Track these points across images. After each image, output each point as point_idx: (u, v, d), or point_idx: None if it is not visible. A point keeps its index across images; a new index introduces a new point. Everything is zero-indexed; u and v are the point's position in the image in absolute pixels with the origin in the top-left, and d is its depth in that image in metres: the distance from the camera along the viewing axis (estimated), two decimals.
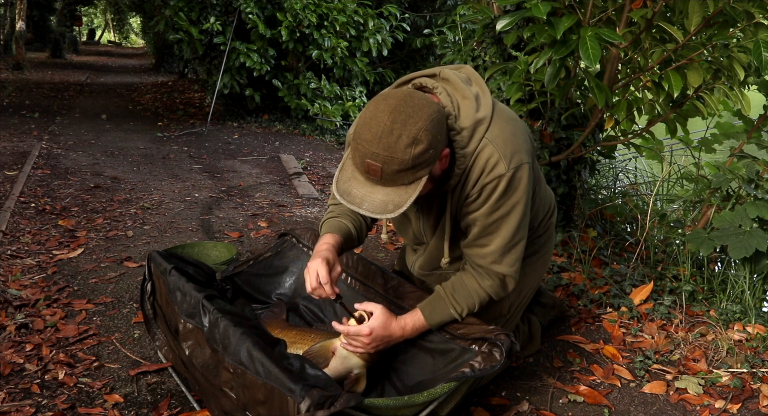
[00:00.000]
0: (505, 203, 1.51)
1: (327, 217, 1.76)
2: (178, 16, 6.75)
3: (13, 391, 1.76)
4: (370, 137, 1.31)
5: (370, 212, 1.35)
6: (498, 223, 1.54)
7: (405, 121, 1.30)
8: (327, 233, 1.68)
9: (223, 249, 2.66)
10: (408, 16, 7.65)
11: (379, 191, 1.36)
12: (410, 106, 1.33)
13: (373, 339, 1.56)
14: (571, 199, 3.03)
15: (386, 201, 1.35)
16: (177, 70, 13.64)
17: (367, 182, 1.37)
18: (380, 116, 1.32)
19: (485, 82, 1.57)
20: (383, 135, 1.30)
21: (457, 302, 1.63)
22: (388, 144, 1.30)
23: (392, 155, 1.30)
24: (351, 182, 1.39)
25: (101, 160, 5.05)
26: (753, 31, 2.15)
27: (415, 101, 1.34)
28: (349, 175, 1.40)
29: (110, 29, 33.84)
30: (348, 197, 1.37)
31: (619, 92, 2.66)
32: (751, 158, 2.60)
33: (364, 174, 1.36)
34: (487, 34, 2.89)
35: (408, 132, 1.30)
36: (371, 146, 1.31)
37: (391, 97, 1.35)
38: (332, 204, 1.80)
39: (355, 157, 1.37)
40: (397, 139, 1.30)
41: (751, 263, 2.34)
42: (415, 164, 1.32)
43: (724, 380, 1.90)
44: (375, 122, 1.31)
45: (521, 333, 1.99)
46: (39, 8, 17.77)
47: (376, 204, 1.35)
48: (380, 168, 1.32)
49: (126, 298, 2.41)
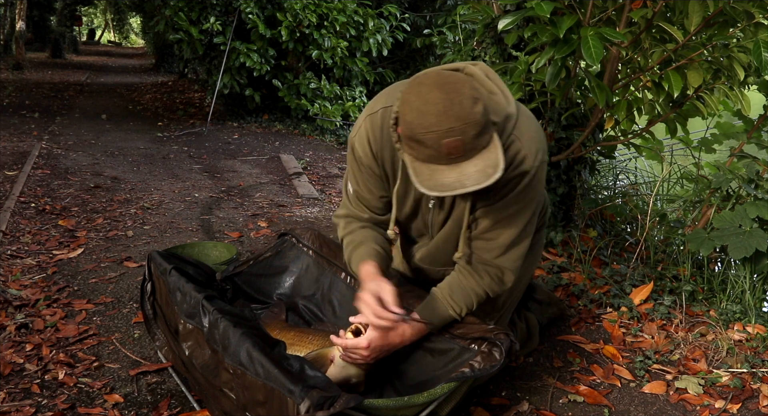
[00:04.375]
0: (523, 198, 1.53)
1: (350, 249, 1.69)
2: (178, 16, 6.75)
3: (13, 391, 1.76)
4: (434, 120, 1.27)
5: (476, 185, 1.29)
6: (511, 217, 1.55)
7: (455, 89, 1.29)
8: (361, 263, 1.62)
9: (223, 249, 2.66)
10: (408, 16, 7.65)
11: (467, 166, 1.30)
12: (446, 77, 1.32)
13: (372, 350, 1.55)
14: (571, 199, 3.03)
15: (482, 169, 1.30)
16: (177, 70, 13.64)
17: (450, 165, 1.31)
18: (430, 97, 1.29)
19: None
20: (447, 109, 1.27)
21: (455, 303, 1.62)
22: (456, 114, 1.27)
23: (465, 120, 1.27)
24: (435, 175, 1.32)
25: (101, 160, 5.05)
26: (753, 31, 2.15)
27: (446, 74, 1.34)
28: (427, 171, 1.33)
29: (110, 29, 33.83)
30: (443, 187, 1.31)
31: (619, 92, 2.66)
32: (751, 158, 2.60)
33: (445, 159, 1.30)
34: (487, 34, 2.89)
35: (465, 95, 1.28)
36: (442, 125, 1.27)
37: (425, 81, 1.33)
38: (346, 235, 1.73)
39: (424, 150, 1.31)
40: (460, 105, 1.27)
41: (751, 263, 2.34)
42: (485, 121, 1.30)
43: (724, 380, 1.90)
44: (429, 104, 1.28)
45: (519, 330, 1.99)
46: (39, 8, 17.76)
47: (476, 177, 1.29)
48: (461, 140, 1.28)
49: (126, 298, 2.41)
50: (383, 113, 1.57)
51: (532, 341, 2.04)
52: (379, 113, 1.57)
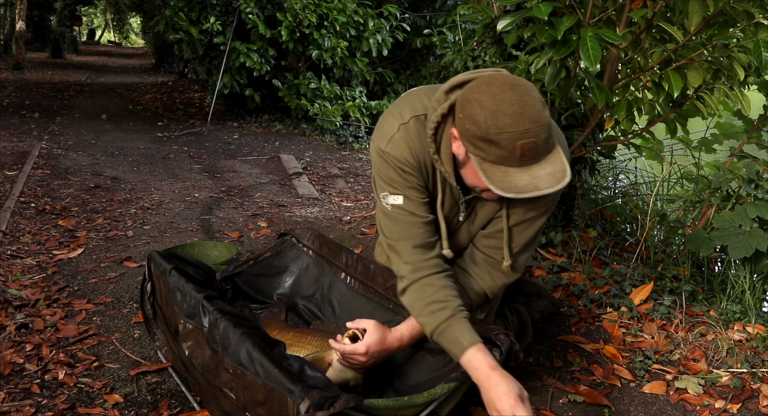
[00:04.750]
0: (545, 204, 1.54)
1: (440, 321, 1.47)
2: (178, 16, 6.75)
3: (13, 391, 1.76)
4: (510, 121, 1.26)
5: (549, 188, 1.28)
6: (530, 222, 1.56)
7: (526, 90, 1.29)
8: (469, 347, 1.43)
9: (223, 249, 2.66)
10: (408, 16, 7.65)
11: (536, 169, 1.30)
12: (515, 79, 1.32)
13: (370, 356, 1.55)
14: (571, 199, 3.03)
15: (551, 173, 1.29)
16: (177, 70, 13.63)
17: (521, 168, 1.30)
18: (505, 97, 1.28)
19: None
20: (522, 110, 1.26)
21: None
22: (530, 116, 1.26)
23: (539, 122, 1.27)
24: (508, 177, 1.30)
25: (101, 160, 5.05)
26: (753, 31, 2.15)
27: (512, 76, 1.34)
28: (499, 173, 1.30)
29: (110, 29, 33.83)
30: (517, 190, 1.29)
31: (619, 92, 2.66)
32: (751, 158, 2.60)
33: (517, 161, 1.29)
34: (487, 34, 2.89)
35: (536, 97, 1.29)
36: (519, 127, 1.26)
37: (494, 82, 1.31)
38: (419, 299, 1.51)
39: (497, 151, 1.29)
40: (533, 107, 1.27)
41: (751, 263, 2.34)
42: (552, 124, 1.32)
43: (724, 380, 1.90)
44: (504, 104, 1.27)
45: (511, 324, 1.99)
46: (39, 8, 17.76)
47: (548, 180, 1.29)
48: (534, 142, 1.27)
49: (126, 298, 2.41)
50: (416, 122, 1.50)
51: (526, 335, 2.03)
52: (411, 122, 1.50)
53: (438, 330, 1.47)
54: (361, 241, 3.16)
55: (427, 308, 1.49)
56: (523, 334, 2.02)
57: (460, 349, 1.43)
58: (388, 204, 1.54)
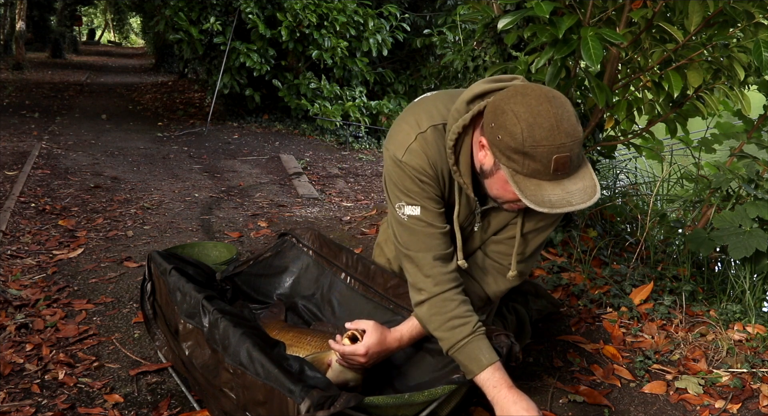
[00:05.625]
0: (559, 215, 1.53)
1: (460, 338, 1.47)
2: (178, 16, 6.75)
3: (13, 391, 1.76)
4: (547, 134, 1.24)
5: (582, 204, 1.27)
6: (540, 230, 1.57)
7: (561, 103, 1.27)
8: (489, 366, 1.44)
9: (223, 249, 2.66)
10: (408, 16, 7.65)
11: (567, 183, 1.28)
12: (550, 91, 1.29)
13: (369, 356, 1.55)
14: None
15: (582, 188, 1.28)
16: (177, 70, 13.63)
17: (553, 182, 1.28)
18: (542, 109, 1.25)
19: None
20: (559, 124, 1.24)
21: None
22: (567, 130, 1.24)
23: (574, 137, 1.25)
24: (541, 191, 1.28)
25: (101, 160, 5.05)
26: (753, 31, 2.15)
27: (546, 87, 1.31)
28: (532, 186, 1.28)
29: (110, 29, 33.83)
30: (550, 204, 1.27)
31: (619, 92, 2.66)
32: (751, 158, 2.60)
33: (550, 175, 1.27)
34: (487, 33, 2.89)
35: (570, 111, 1.27)
36: (555, 141, 1.24)
37: (530, 94, 1.29)
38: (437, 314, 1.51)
39: (531, 164, 1.27)
40: (569, 121, 1.26)
41: (751, 263, 2.34)
42: (582, 138, 1.29)
43: (724, 380, 1.90)
44: (541, 118, 1.25)
45: (509, 323, 1.99)
46: (39, 8, 17.76)
47: (579, 196, 1.27)
48: (569, 157, 1.25)
49: (126, 298, 2.41)
50: (433, 132, 1.46)
51: (524, 334, 2.03)
52: (429, 132, 1.46)
53: (457, 346, 1.47)
54: (361, 241, 3.16)
55: (447, 324, 1.48)
56: (521, 333, 2.02)
57: (479, 367, 1.44)
58: (404, 214, 1.50)
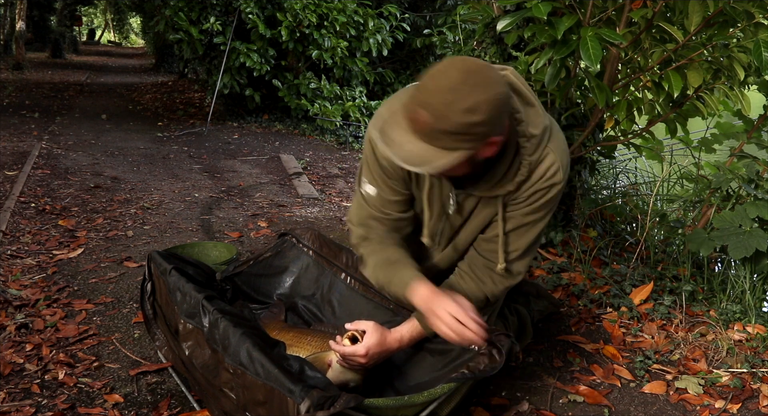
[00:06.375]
0: (544, 209, 1.53)
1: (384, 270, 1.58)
2: (178, 16, 6.75)
3: (13, 391, 1.76)
4: (432, 88, 1.24)
5: (398, 158, 1.27)
6: (529, 226, 1.56)
7: (474, 86, 1.23)
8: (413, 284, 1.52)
9: (223, 249, 2.66)
10: (408, 16, 7.65)
11: (416, 143, 1.27)
12: (485, 76, 1.26)
13: (369, 357, 1.55)
14: (571, 199, 3.03)
15: (419, 155, 1.27)
16: (177, 70, 13.63)
17: (409, 130, 1.28)
18: (452, 72, 1.24)
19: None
20: (446, 90, 1.22)
21: None
22: (447, 101, 1.22)
23: (447, 112, 1.22)
24: (394, 127, 1.30)
25: (101, 160, 5.05)
26: (753, 31, 2.15)
27: (492, 74, 1.27)
28: (395, 120, 1.31)
29: (110, 29, 33.83)
30: (385, 137, 1.30)
31: (619, 92, 2.66)
32: (751, 158, 2.60)
33: (409, 122, 1.28)
34: (487, 34, 2.89)
35: (471, 98, 1.22)
36: (430, 97, 1.24)
37: (471, 61, 1.28)
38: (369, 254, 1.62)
39: (408, 104, 1.29)
40: (457, 99, 1.22)
41: (751, 263, 2.34)
42: (463, 131, 1.24)
43: (724, 380, 1.90)
44: (445, 75, 1.24)
45: (511, 324, 1.99)
46: (39, 8, 17.76)
47: (408, 154, 1.27)
48: (429, 121, 1.24)
49: (126, 298, 2.41)
50: None
51: (526, 334, 2.03)
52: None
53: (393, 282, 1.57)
54: None
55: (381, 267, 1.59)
56: (522, 334, 2.02)
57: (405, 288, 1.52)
58: (363, 190, 1.61)
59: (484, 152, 1.33)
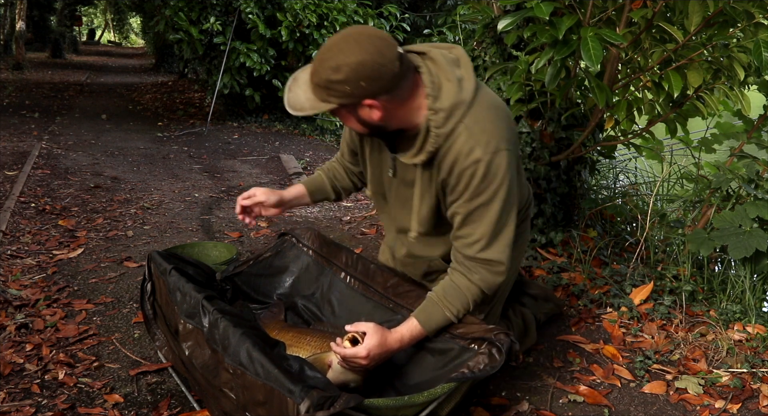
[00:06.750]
0: (485, 189, 1.53)
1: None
2: (178, 16, 6.75)
3: (13, 391, 1.76)
4: (323, 45, 1.47)
5: (285, 100, 1.50)
6: (481, 210, 1.56)
7: (343, 49, 1.41)
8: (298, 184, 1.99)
9: (223, 249, 2.66)
10: (408, 16, 7.65)
11: (306, 89, 1.49)
12: (359, 42, 1.41)
13: (371, 359, 1.55)
14: (571, 199, 3.03)
15: (300, 100, 1.49)
16: (177, 70, 13.64)
17: (306, 80, 1.50)
18: (338, 35, 1.45)
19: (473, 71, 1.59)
20: (326, 49, 1.44)
21: (450, 304, 1.62)
22: (322, 58, 1.44)
23: (318, 67, 1.44)
24: (300, 74, 1.52)
25: (101, 160, 5.05)
26: (753, 31, 2.15)
27: (367, 42, 1.41)
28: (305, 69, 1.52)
29: (110, 29, 33.83)
30: (293, 78, 1.52)
31: (619, 92, 2.66)
32: (751, 158, 2.60)
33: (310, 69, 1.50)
34: (487, 34, 2.89)
35: (337, 58, 1.41)
36: (318, 53, 1.46)
37: (366, 29, 1.47)
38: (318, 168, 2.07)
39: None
40: (327, 57, 1.43)
41: (751, 263, 2.34)
42: (327, 86, 1.44)
43: (724, 380, 1.90)
44: (335, 37, 1.46)
45: (515, 326, 1.99)
46: (39, 8, 17.76)
47: (293, 99, 1.50)
48: (310, 74, 1.48)
49: (126, 298, 2.41)
50: None
51: (529, 337, 2.03)
52: None
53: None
54: (361, 241, 3.17)
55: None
56: (526, 336, 2.03)
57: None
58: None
59: (365, 113, 1.49)
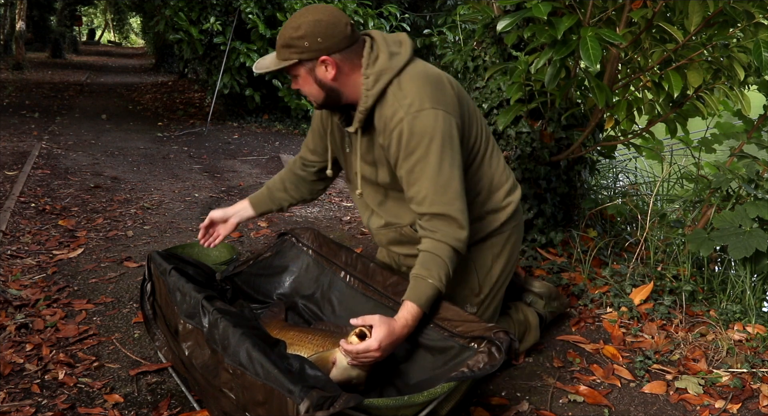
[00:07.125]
0: (417, 146, 1.61)
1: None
2: (178, 16, 6.75)
3: (13, 391, 1.76)
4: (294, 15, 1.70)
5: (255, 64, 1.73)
6: (419, 167, 1.63)
7: (303, 13, 1.66)
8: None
9: (223, 249, 2.66)
10: (408, 16, 7.65)
11: (273, 54, 1.72)
12: (317, 8, 1.66)
13: (383, 349, 1.55)
14: (571, 199, 3.03)
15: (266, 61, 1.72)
16: (177, 70, 13.64)
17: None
18: (305, 7, 1.72)
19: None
20: (290, 18, 1.68)
21: (429, 272, 1.62)
22: (286, 25, 1.67)
23: (282, 32, 1.66)
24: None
25: (101, 160, 5.05)
26: (753, 31, 2.15)
27: (323, 8, 1.67)
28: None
29: (110, 29, 33.84)
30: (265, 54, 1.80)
31: (619, 92, 2.66)
32: (751, 158, 2.60)
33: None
34: (487, 34, 2.89)
35: (298, 19, 1.64)
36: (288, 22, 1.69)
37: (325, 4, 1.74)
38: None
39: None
40: (290, 20, 1.66)
41: (751, 263, 2.34)
42: (288, 43, 1.64)
43: (724, 380, 1.90)
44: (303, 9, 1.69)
45: (516, 324, 1.99)
46: (39, 8, 17.77)
47: (261, 60, 1.74)
48: (278, 39, 1.69)
49: (126, 298, 2.41)
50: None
51: (531, 336, 2.03)
52: None
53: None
54: (361, 241, 3.17)
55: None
56: (527, 336, 2.03)
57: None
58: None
59: (321, 73, 1.66)
